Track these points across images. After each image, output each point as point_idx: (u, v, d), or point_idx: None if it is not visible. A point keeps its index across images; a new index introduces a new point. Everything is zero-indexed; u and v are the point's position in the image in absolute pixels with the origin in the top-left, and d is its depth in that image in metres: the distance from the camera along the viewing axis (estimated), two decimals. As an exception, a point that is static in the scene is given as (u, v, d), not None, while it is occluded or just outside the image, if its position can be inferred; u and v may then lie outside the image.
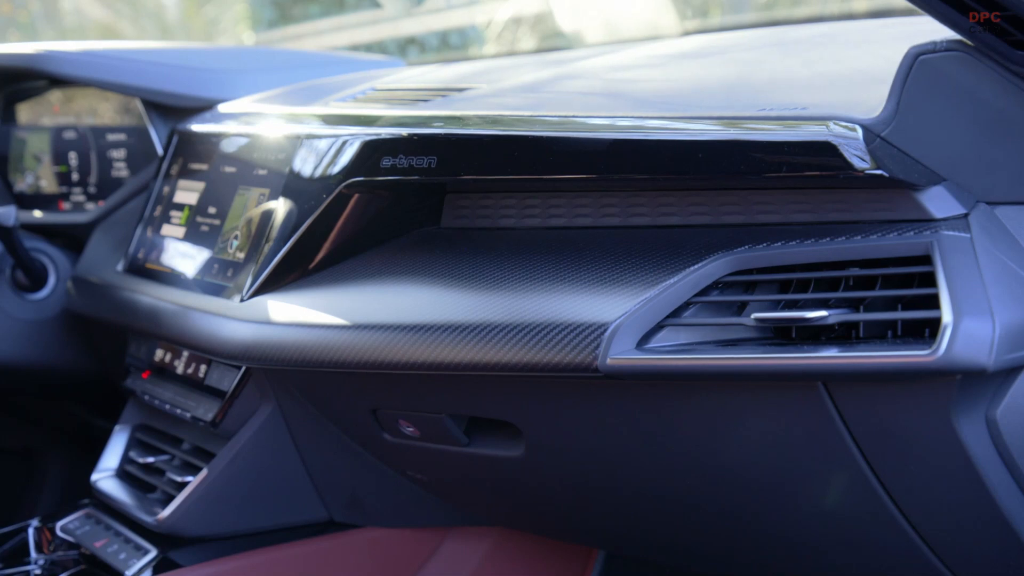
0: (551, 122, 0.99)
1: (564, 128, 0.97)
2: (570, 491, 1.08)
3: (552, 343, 0.89)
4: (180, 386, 1.28)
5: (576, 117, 0.98)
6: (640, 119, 0.93)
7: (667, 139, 0.90)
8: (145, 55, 1.54)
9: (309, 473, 1.23)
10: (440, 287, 1.02)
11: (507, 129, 1.01)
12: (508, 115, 1.04)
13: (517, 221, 1.05)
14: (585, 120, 0.97)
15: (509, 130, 1.00)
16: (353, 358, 1.02)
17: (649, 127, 0.92)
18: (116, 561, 1.19)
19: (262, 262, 1.16)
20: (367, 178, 1.09)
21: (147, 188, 1.46)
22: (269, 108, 1.37)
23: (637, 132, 0.92)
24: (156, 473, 1.30)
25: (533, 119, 1.01)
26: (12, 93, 1.68)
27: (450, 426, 1.06)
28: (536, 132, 0.98)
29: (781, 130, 0.83)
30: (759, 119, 0.85)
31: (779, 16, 1.86)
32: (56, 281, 1.53)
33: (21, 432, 1.93)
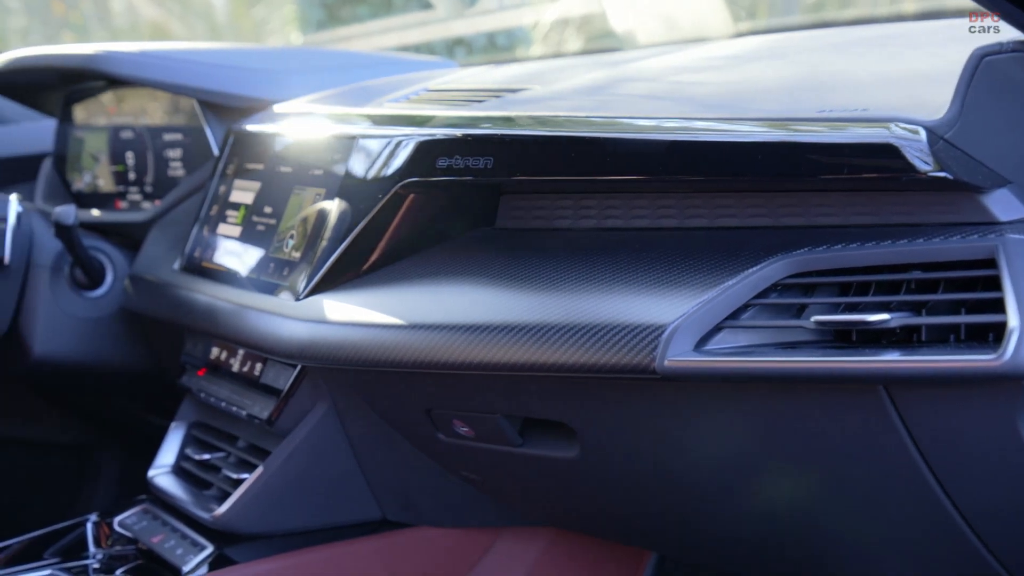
0: (608, 124, 0.99)
1: (621, 129, 0.97)
2: (623, 492, 1.08)
3: (609, 344, 0.89)
4: (236, 384, 1.29)
5: (634, 119, 0.98)
6: (699, 121, 0.93)
7: (726, 141, 0.89)
8: (201, 56, 1.56)
9: (363, 472, 1.23)
10: (496, 287, 1.02)
11: (564, 130, 1.01)
12: (564, 116, 1.04)
13: (573, 222, 1.05)
14: (643, 122, 0.97)
15: (566, 131, 1.00)
16: (408, 358, 1.03)
17: (708, 129, 0.91)
18: (173, 557, 1.20)
19: (318, 261, 1.17)
20: (423, 178, 1.10)
21: (203, 188, 1.47)
22: (324, 108, 1.38)
23: (696, 134, 0.92)
24: (212, 470, 1.31)
25: (590, 120, 1.01)
26: (71, 93, 1.70)
27: (504, 427, 1.06)
28: (593, 133, 0.98)
29: (842, 132, 0.82)
30: (819, 121, 0.85)
31: (831, 17, 1.84)
32: (113, 279, 1.55)
33: (77, 429, 1.95)
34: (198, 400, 1.37)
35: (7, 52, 1.68)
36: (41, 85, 1.70)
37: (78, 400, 1.86)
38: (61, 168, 1.71)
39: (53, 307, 1.50)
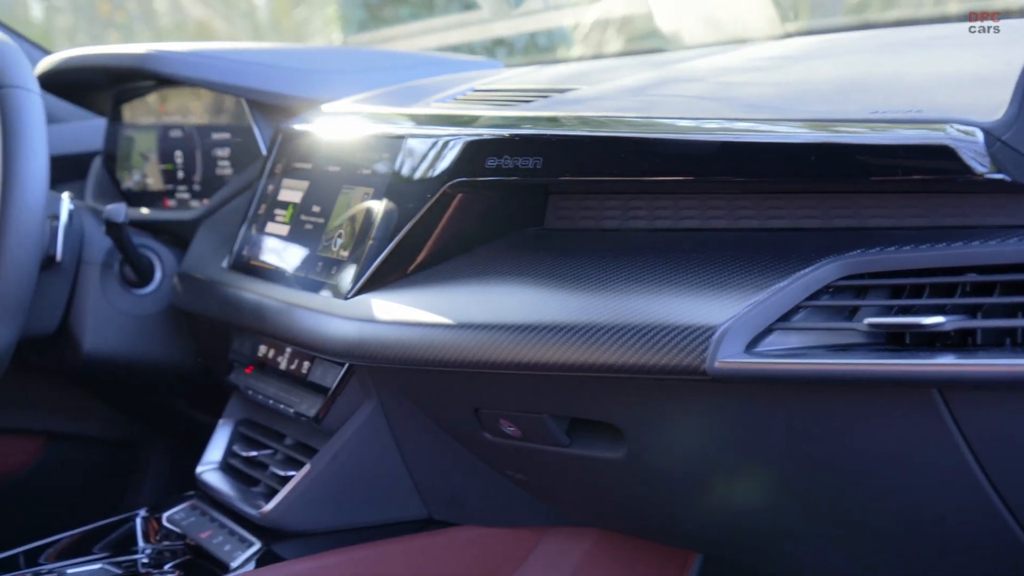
0: (658, 124, 0.99)
1: (671, 130, 0.97)
2: (670, 494, 1.08)
3: (658, 345, 0.89)
4: (283, 382, 1.30)
5: (683, 119, 0.98)
6: (749, 122, 0.93)
7: (777, 142, 0.89)
8: (250, 55, 1.57)
9: (409, 470, 1.24)
10: (544, 287, 1.02)
11: (613, 131, 1.01)
12: (613, 117, 1.04)
13: (622, 223, 1.05)
14: (692, 122, 0.97)
15: (615, 132, 1.00)
16: (456, 357, 1.03)
17: (759, 130, 0.91)
18: (221, 552, 1.21)
19: (366, 260, 1.18)
20: (472, 178, 1.10)
21: (251, 187, 1.49)
22: (371, 108, 1.39)
23: (746, 135, 0.91)
24: (259, 467, 1.32)
25: (640, 121, 1.01)
26: (120, 93, 1.72)
27: (552, 427, 1.06)
28: (643, 134, 0.98)
29: (896, 133, 0.82)
30: (872, 122, 0.85)
31: (879, 19, 1.83)
32: (162, 277, 1.56)
33: (124, 425, 1.97)
34: (245, 397, 1.38)
35: (58, 52, 1.70)
36: (91, 84, 1.72)
37: (126, 396, 1.87)
38: (111, 167, 1.73)
39: (103, 304, 1.52)
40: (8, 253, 1.29)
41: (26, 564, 1.27)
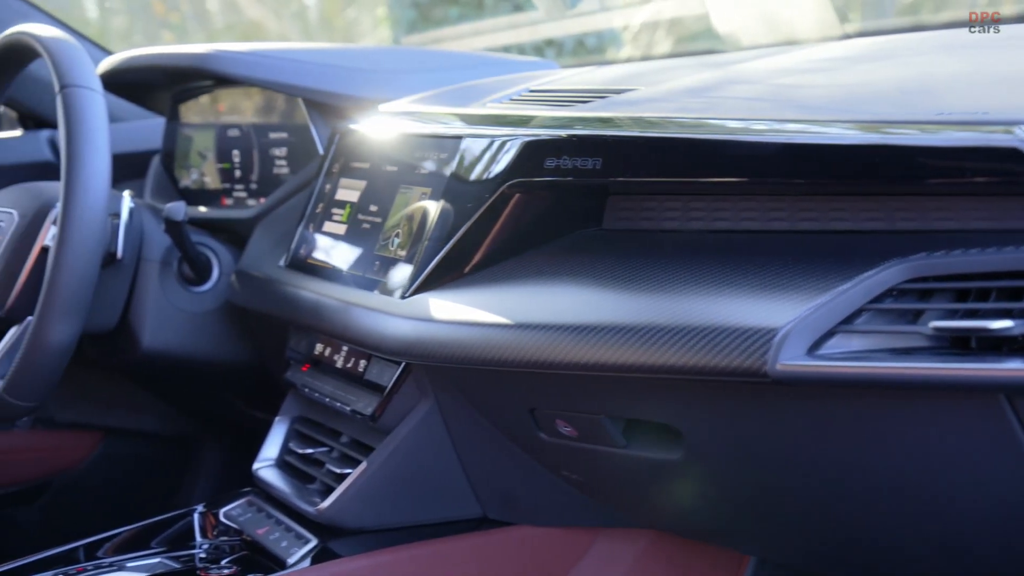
0: (719, 125, 0.98)
1: (732, 131, 0.97)
2: (727, 496, 1.07)
3: (719, 347, 0.88)
4: (340, 380, 1.31)
5: (745, 120, 0.97)
6: (812, 123, 0.92)
7: (841, 144, 0.89)
8: (308, 55, 1.58)
9: (464, 469, 1.24)
10: (603, 288, 1.02)
11: (673, 132, 1.01)
12: (673, 117, 1.04)
13: (681, 224, 1.05)
14: (754, 124, 0.96)
15: (676, 133, 1.00)
16: (514, 357, 1.03)
17: (822, 132, 0.91)
18: (278, 549, 1.22)
19: (423, 260, 1.18)
20: (530, 179, 1.10)
21: (308, 186, 1.50)
22: (428, 108, 1.39)
23: (809, 136, 0.91)
24: (315, 464, 1.33)
25: (700, 122, 1.00)
26: (179, 92, 1.74)
27: (609, 427, 1.06)
28: (704, 135, 0.98)
29: (963, 135, 0.81)
30: (938, 124, 0.84)
31: (939, 20, 1.81)
32: (219, 275, 1.58)
33: (180, 421, 1.99)
34: (302, 395, 1.39)
35: (119, 52, 1.72)
36: (151, 84, 1.74)
37: (182, 393, 1.89)
38: (169, 165, 1.75)
39: (162, 301, 1.53)
40: (71, 250, 1.31)
41: (85, 558, 1.29)
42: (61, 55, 1.36)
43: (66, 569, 1.23)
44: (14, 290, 1.44)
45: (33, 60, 1.52)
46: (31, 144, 1.88)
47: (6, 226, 1.47)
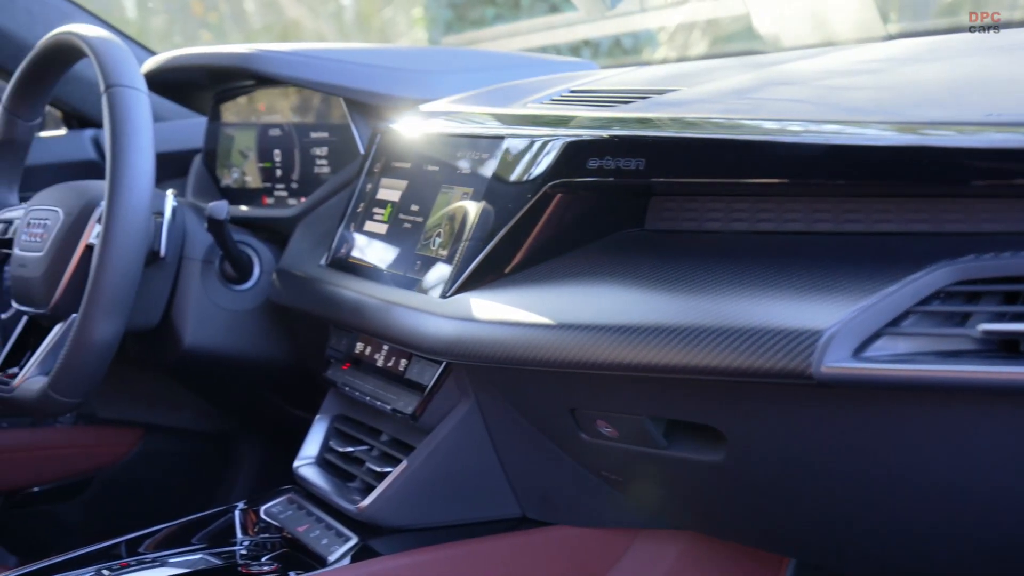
0: (763, 126, 0.98)
1: (777, 133, 0.96)
2: (768, 498, 1.07)
3: (763, 348, 0.88)
4: (380, 379, 1.32)
5: (789, 121, 0.97)
6: (857, 125, 0.92)
7: (886, 145, 0.88)
8: (349, 55, 1.59)
9: (504, 469, 1.24)
10: (645, 289, 1.02)
11: (717, 133, 1.00)
12: (717, 118, 1.04)
13: (724, 225, 1.05)
14: (798, 125, 0.96)
15: (720, 134, 1.00)
16: (556, 357, 1.03)
17: (866, 133, 0.90)
18: (318, 546, 1.23)
19: (465, 260, 1.18)
20: (573, 179, 1.10)
21: (348, 185, 1.50)
22: (469, 108, 1.39)
23: (855, 138, 0.90)
24: (355, 463, 1.34)
25: (744, 123, 1.00)
26: (221, 92, 1.75)
27: (650, 428, 1.06)
28: (748, 137, 0.97)
29: (1011, 136, 0.80)
30: (988, 125, 0.83)
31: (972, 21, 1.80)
32: (260, 273, 1.59)
33: (219, 418, 2.01)
34: (342, 394, 1.40)
35: (163, 52, 1.73)
36: (193, 84, 1.75)
37: (221, 390, 1.91)
38: (210, 164, 1.77)
39: (203, 299, 1.55)
40: (115, 248, 1.32)
41: (127, 553, 1.30)
42: (107, 55, 1.37)
43: (109, 564, 1.24)
44: (59, 288, 1.45)
45: (79, 60, 1.53)
46: (75, 143, 1.90)
47: (51, 224, 1.48)
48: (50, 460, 1.88)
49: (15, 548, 1.92)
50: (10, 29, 1.79)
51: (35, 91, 1.59)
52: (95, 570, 1.23)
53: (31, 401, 1.42)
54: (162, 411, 1.98)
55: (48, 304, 1.47)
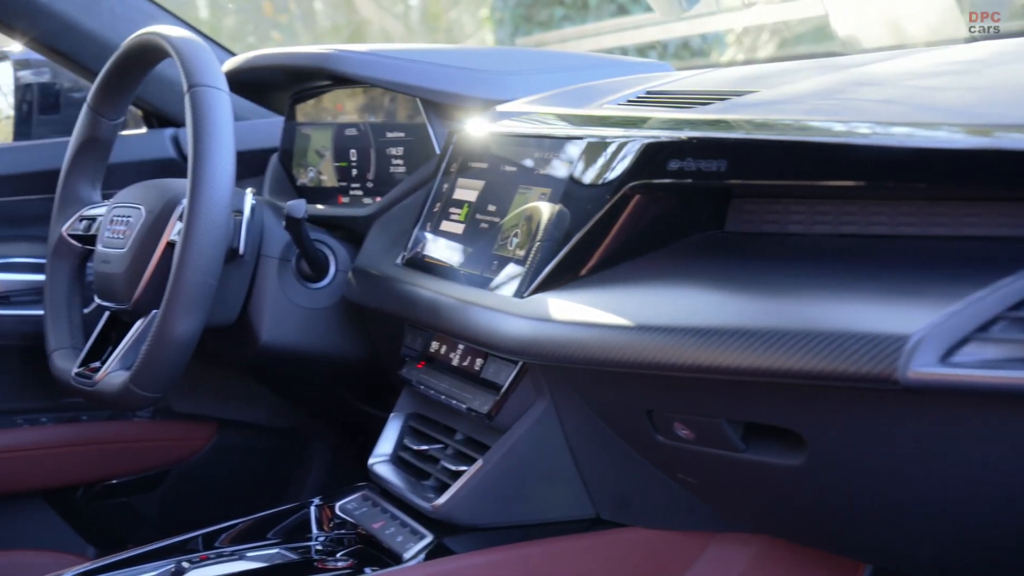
0: (846, 128, 0.97)
1: (860, 135, 0.95)
2: (848, 503, 1.06)
3: (847, 352, 0.87)
4: (455, 378, 1.32)
5: (874, 124, 0.96)
6: (944, 127, 0.91)
7: (973, 148, 0.87)
8: (426, 56, 1.60)
9: (579, 470, 1.24)
10: (726, 291, 1.02)
11: (800, 135, 1.00)
12: (800, 120, 1.03)
13: (806, 227, 1.04)
14: (884, 127, 0.95)
15: (802, 136, 0.99)
16: (634, 358, 1.03)
17: (953, 137, 0.89)
18: (394, 543, 1.24)
19: (542, 260, 1.19)
20: (653, 180, 1.10)
21: (424, 185, 1.51)
22: (546, 109, 1.40)
23: (939, 141, 0.89)
24: (430, 461, 1.34)
25: (828, 125, 0.99)
26: (297, 92, 1.77)
27: (728, 431, 1.06)
28: (832, 139, 0.97)
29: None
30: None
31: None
32: (335, 272, 1.60)
33: (293, 414, 2.03)
34: (416, 392, 1.41)
35: (242, 53, 1.75)
36: (271, 84, 1.77)
37: (296, 387, 1.93)
38: (287, 163, 1.78)
39: (280, 297, 1.56)
40: (196, 246, 1.34)
41: (204, 546, 1.32)
42: (190, 55, 1.39)
43: (189, 556, 1.26)
44: (140, 284, 1.48)
45: (162, 60, 1.56)
46: (155, 141, 1.93)
47: (134, 221, 1.51)
48: (127, 453, 1.92)
49: (93, 538, 1.95)
50: (95, 30, 1.83)
51: (119, 90, 1.62)
52: (175, 562, 1.25)
53: (113, 395, 1.44)
54: (236, 407, 2.00)
55: (130, 300, 1.50)
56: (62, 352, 1.63)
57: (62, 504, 1.92)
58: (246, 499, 2.01)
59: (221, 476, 1.99)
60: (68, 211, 1.68)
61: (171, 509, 1.97)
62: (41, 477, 1.87)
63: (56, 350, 1.64)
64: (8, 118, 2.05)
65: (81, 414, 1.89)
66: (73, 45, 1.83)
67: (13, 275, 1.82)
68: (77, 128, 1.65)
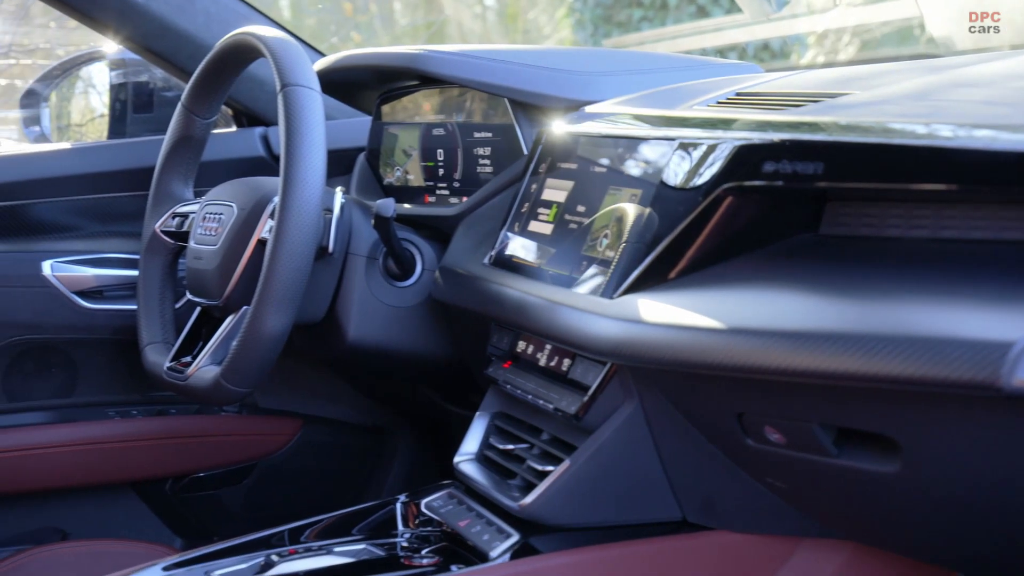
0: (947, 131, 0.96)
1: (962, 138, 0.94)
2: (943, 511, 1.04)
3: (947, 359, 0.86)
4: (542, 378, 1.32)
5: (974, 126, 0.95)
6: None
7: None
8: (514, 56, 1.60)
9: (666, 472, 1.24)
10: (821, 294, 1.01)
11: (898, 137, 0.98)
12: (898, 122, 1.02)
13: (904, 231, 1.03)
14: (983, 130, 0.93)
15: (900, 138, 0.98)
16: (726, 361, 1.03)
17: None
18: (480, 542, 1.24)
19: (632, 261, 1.18)
20: (748, 183, 1.09)
21: (511, 185, 1.52)
22: (636, 110, 1.39)
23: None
24: (516, 460, 1.35)
25: (927, 127, 0.98)
26: (385, 92, 1.78)
27: (820, 436, 1.05)
28: (932, 142, 0.95)
29: None
30: None
31: None
32: (422, 270, 1.61)
33: (375, 412, 2.05)
34: (502, 391, 1.41)
35: (333, 54, 1.77)
36: (360, 84, 1.79)
37: (380, 384, 1.95)
38: (374, 162, 1.80)
39: (367, 295, 1.58)
40: (288, 243, 1.36)
41: (291, 541, 1.34)
42: (284, 55, 1.41)
43: (279, 550, 1.28)
44: (232, 280, 1.50)
45: (255, 60, 1.58)
46: (245, 140, 1.96)
47: (226, 218, 1.53)
48: (214, 447, 1.95)
49: (180, 530, 1.99)
50: (189, 31, 1.86)
51: (213, 90, 1.65)
52: (264, 555, 1.27)
53: (204, 389, 1.47)
54: (320, 403, 2.03)
55: (221, 296, 1.52)
56: (154, 346, 1.66)
57: (151, 496, 1.96)
58: (328, 494, 2.03)
59: (305, 471, 2.02)
60: (162, 208, 1.71)
61: (256, 502, 2.00)
62: (131, 469, 1.91)
63: (149, 344, 1.67)
64: (103, 116, 2.10)
65: (169, 407, 1.93)
66: (168, 45, 1.86)
67: (107, 270, 1.86)
68: (172, 127, 1.68)
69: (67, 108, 2.21)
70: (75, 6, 1.82)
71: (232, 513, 1.99)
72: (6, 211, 1.84)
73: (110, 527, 1.93)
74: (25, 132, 2.15)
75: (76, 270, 1.84)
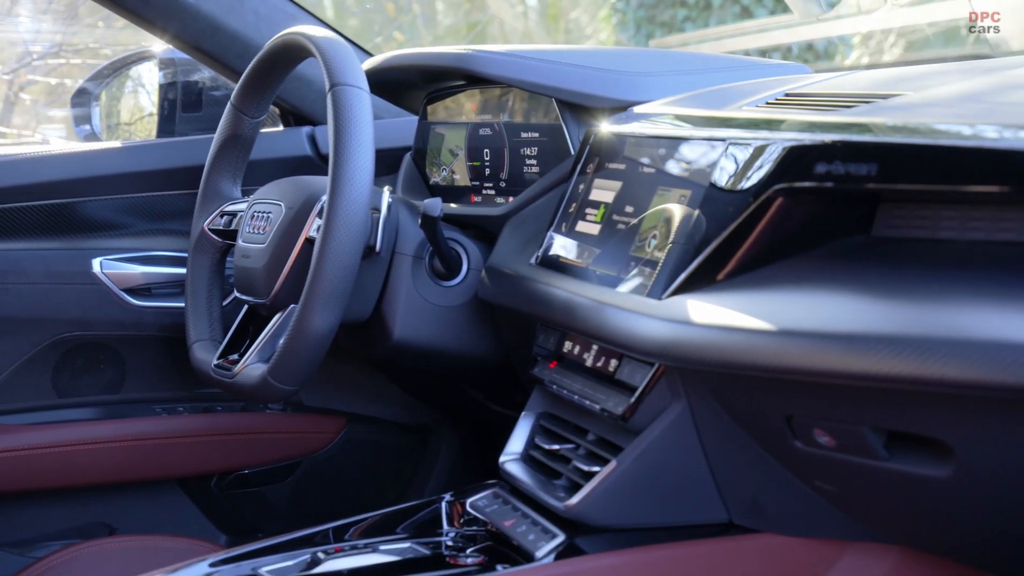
0: (1002, 132, 0.95)
1: (1018, 140, 0.93)
2: (996, 517, 1.03)
3: (1003, 362, 0.85)
4: (588, 378, 1.32)
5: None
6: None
7: None
8: (561, 56, 1.60)
9: (713, 474, 1.24)
10: (874, 296, 1.00)
11: (953, 139, 0.98)
12: (952, 123, 1.01)
13: (959, 234, 1.02)
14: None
15: (955, 140, 0.97)
16: (776, 363, 1.02)
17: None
18: (525, 541, 1.24)
19: (681, 262, 1.18)
20: (800, 184, 1.09)
21: (558, 185, 1.51)
22: (684, 111, 1.39)
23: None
24: (561, 460, 1.35)
25: (982, 128, 0.97)
26: (431, 92, 1.79)
27: (870, 439, 1.04)
28: (987, 143, 0.95)
29: None
30: None
31: None
32: (467, 270, 1.61)
33: (417, 410, 2.05)
34: (548, 391, 1.41)
35: (381, 54, 1.78)
36: (407, 83, 1.80)
37: (425, 383, 1.95)
38: (420, 162, 1.81)
39: (413, 294, 1.58)
40: (336, 242, 1.37)
41: (336, 538, 1.34)
42: (333, 55, 1.42)
43: (325, 547, 1.28)
44: (279, 278, 1.51)
45: (304, 59, 1.59)
46: (292, 139, 1.97)
47: (274, 217, 1.54)
48: (259, 444, 1.96)
49: (225, 526, 2.00)
50: (238, 30, 1.87)
51: (262, 89, 1.66)
52: (311, 552, 1.27)
53: (251, 387, 1.48)
54: (364, 402, 2.03)
55: (268, 294, 1.53)
56: (202, 344, 1.67)
57: (196, 492, 1.98)
58: (372, 492, 2.04)
59: (349, 469, 2.02)
60: (210, 206, 1.72)
61: (300, 500, 2.01)
62: (177, 465, 1.93)
63: (196, 342, 1.68)
64: (152, 115, 2.12)
65: (215, 405, 1.94)
66: (218, 45, 1.87)
67: (156, 268, 1.88)
68: (221, 126, 1.70)
69: (116, 107, 2.24)
70: (126, 5, 1.84)
71: (276, 510, 2.00)
72: (57, 209, 1.86)
73: (156, 523, 1.94)
74: (76, 130, 2.17)
75: (125, 267, 1.86)
